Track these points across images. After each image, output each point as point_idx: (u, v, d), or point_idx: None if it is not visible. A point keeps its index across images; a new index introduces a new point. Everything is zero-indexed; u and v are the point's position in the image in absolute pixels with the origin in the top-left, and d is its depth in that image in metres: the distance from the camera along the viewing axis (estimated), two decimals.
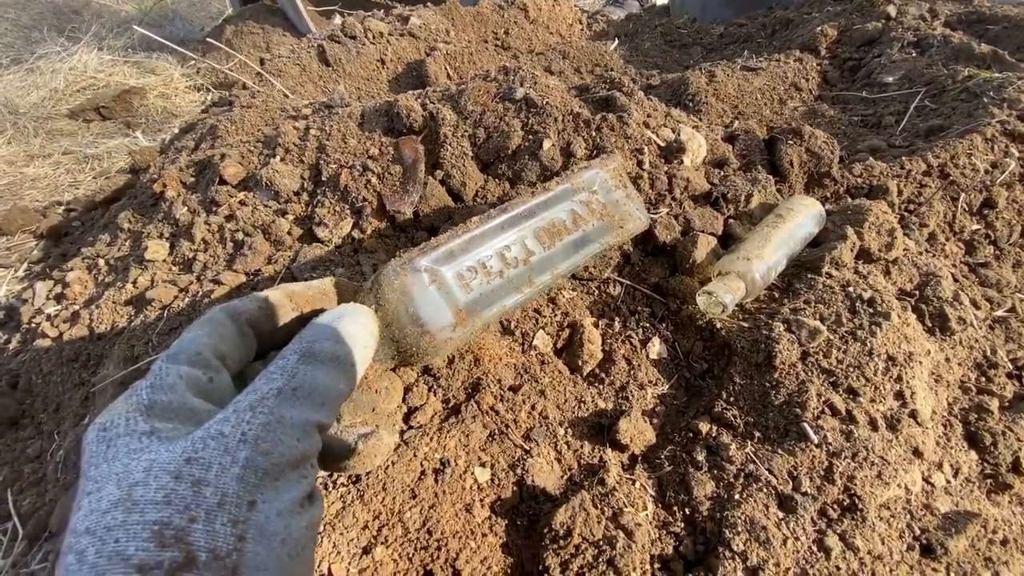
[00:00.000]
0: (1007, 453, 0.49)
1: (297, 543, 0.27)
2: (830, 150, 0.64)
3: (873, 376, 0.47)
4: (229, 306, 0.36)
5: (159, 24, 4.69)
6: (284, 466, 0.28)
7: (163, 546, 0.24)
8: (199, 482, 0.26)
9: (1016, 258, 0.72)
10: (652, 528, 0.43)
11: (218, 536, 0.25)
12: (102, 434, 0.28)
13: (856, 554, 0.40)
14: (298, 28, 2.83)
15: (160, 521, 0.25)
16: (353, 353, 0.34)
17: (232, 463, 0.27)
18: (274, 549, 0.26)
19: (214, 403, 0.31)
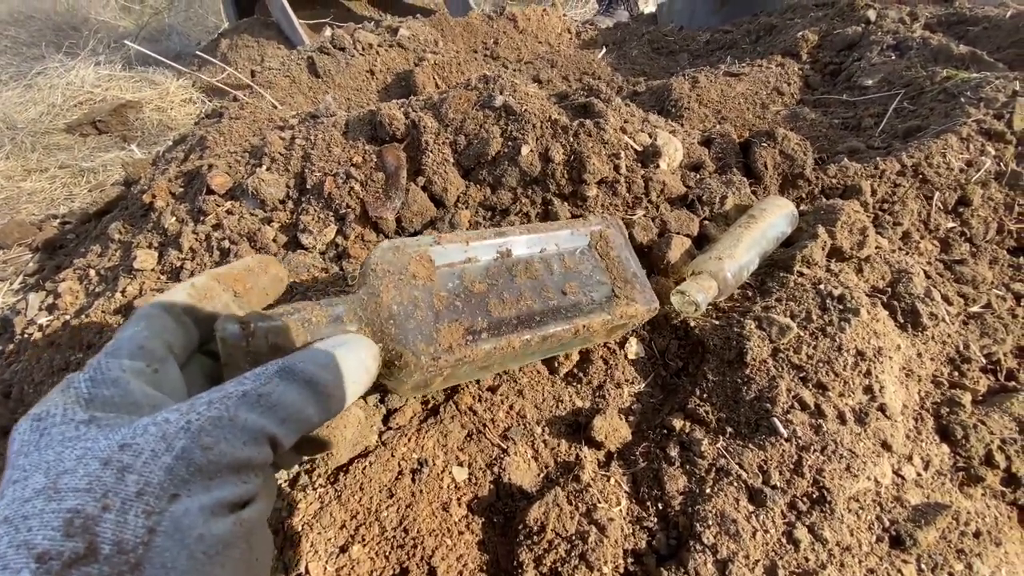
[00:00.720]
0: (979, 446, 0.50)
1: (217, 542, 0.25)
2: (803, 152, 0.66)
3: (842, 371, 0.47)
4: (159, 300, 0.35)
5: (156, 39, 4.73)
6: (222, 467, 0.26)
7: (69, 536, 0.23)
8: (125, 468, 0.24)
9: (993, 255, 0.73)
10: (625, 523, 0.44)
11: (127, 527, 0.23)
12: (36, 423, 0.27)
13: (825, 545, 0.41)
14: (292, 40, 2.87)
15: (73, 509, 0.23)
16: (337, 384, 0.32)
17: (166, 451, 0.25)
18: (187, 546, 0.24)
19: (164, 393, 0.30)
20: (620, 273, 0.51)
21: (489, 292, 0.44)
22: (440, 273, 0.43)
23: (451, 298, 0.42)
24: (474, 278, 0.44)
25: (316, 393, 0.31)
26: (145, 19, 5.02)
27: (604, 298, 0.49)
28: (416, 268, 0.41)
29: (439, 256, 0.43)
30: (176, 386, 0.32)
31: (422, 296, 0.41)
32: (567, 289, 0.48)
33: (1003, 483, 0.50)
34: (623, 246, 0.52)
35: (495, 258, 0.46)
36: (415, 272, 0.41)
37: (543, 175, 0.64)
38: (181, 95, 2.89)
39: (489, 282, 0.45)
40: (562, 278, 0.48)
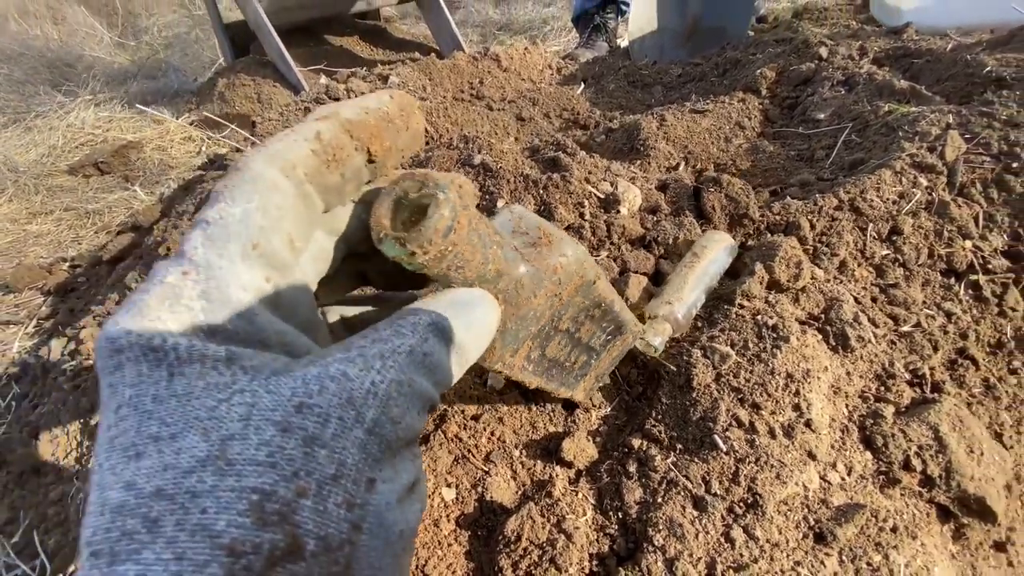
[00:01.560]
0: (898, 452, 0.58)
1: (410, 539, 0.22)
2: (746, 195, 0.75)
3: (774, 392, 0.55)
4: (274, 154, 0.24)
5: (153, 76, 4.86)
6: (404, 442, 0.22)
7: (263, 524, 0.18)
8: (312, 440, 0.19)
9: (925, 277, 0.81)
10: (591, 531, 0.51)
11: (331, 520, 0.19)
12: (154, 355, 0.20)
13: (757, 543, 0.48)
14: (288, 79, 2.99)
15: (260, 489, 0.18)
16: (472, 349, 0.29)
17: (356, 422, 0.20)
18: (391, 545, 0.20)
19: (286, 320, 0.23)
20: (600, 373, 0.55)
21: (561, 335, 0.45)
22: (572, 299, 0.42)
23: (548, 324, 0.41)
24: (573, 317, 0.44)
25: (458, 356, 0.27)
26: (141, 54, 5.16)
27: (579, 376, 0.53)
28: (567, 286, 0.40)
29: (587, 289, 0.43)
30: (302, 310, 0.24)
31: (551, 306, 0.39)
32: (578, 360, 0.50)
33: (920, 484, 0.58)
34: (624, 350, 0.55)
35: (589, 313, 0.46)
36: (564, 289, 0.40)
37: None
38: (181, 133, 2.99)
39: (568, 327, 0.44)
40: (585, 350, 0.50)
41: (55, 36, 5.22)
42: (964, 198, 0.89)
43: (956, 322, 0.79)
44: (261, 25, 2.90)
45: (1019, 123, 0.97)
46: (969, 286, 0.82)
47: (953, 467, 0.58)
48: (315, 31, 3.56)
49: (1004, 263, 0.84)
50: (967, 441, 0.60)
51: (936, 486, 0.58)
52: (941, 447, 0.58)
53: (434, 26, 3.36)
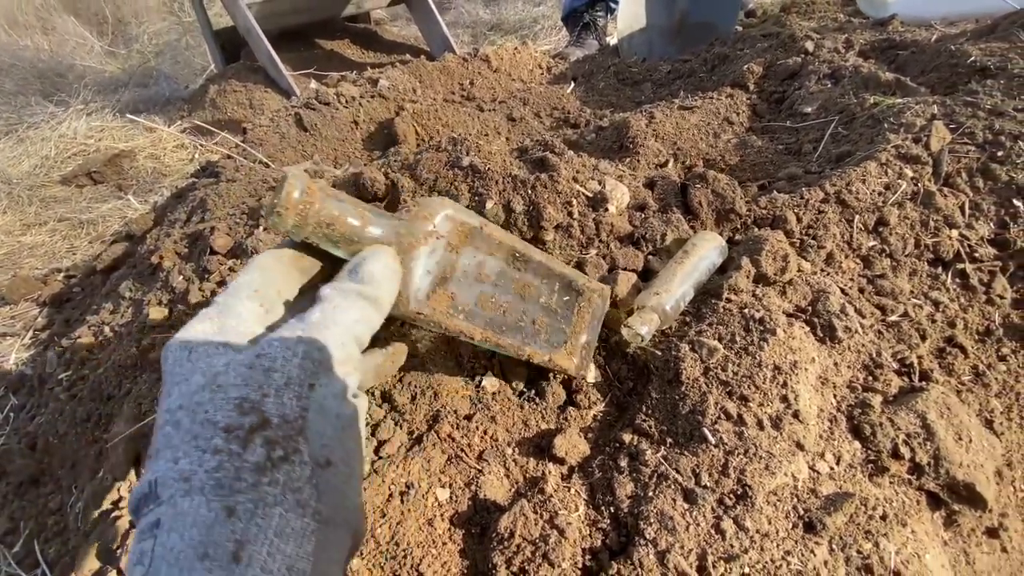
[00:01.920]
0: (886, 441, 0.58)
1: (348, 420, 0.34)
2: (731, 190, 0.75)
3: (762, 384, 0.56)
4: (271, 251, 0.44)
5: (144, 84, 4.85)
6: (333, 362, 0.35)
7: (243, 413, 0.31)
8: (269, 370, 0.33)
9: (912, 267, 0.82)
10: (583, 526, 0.52)
11: (286, 406, 0.32)
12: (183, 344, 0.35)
13: (747, 533, 0.49)
14: (279, 84, 2.99)
15: (240, 396, 0.32)
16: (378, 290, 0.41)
17: (293, 356, 0.34)
18: (330, 420, 0.33)
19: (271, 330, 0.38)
20: (578, 332, 0.60)
21: (488, 287, 0.52)
22: (466, 250, 0.50)
23: (461, 274, 0.50)
24: (486, 269, 0.52)
25: (372, 301, 0.40)
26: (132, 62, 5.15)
27: (556, 342, 0.58)
28: (453, 236, 0.49)
29: (476, 237, 0.51)
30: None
31: (442, 258, 0.48)
32: (537, 321, 0.57)
33: (909, 472, 0.59)
34: (597, 315, 0.61)
35: (508, 264, 0.54)
36: (451, 239, 0.49)
37: (507, 224, 0.73)
38: (173, 141, 2.99)
39: (494, 279, 0.53)
40: (543, 310, 0.57)
41: (45, 46, 5.20)
42: (950, 188, 0.90)
43: (944, 311, 0.79)
44: (251, 30, 2.90)
45: (1003, 112, 0.98)
46: (956, 275, 0.83)
47: (942, 454, 0.58)
48: (306, 35, 3.56)
49: (991, 251, 0.85)
50: (955, 428, 0.61)
51: (925, 473, 0.58)
52: (929, 435, 0.59)
53: (424, 28, 3.37)
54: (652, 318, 0.60)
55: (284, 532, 0.29)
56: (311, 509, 0.30)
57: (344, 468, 0.33)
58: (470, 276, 0.51)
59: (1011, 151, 0.92)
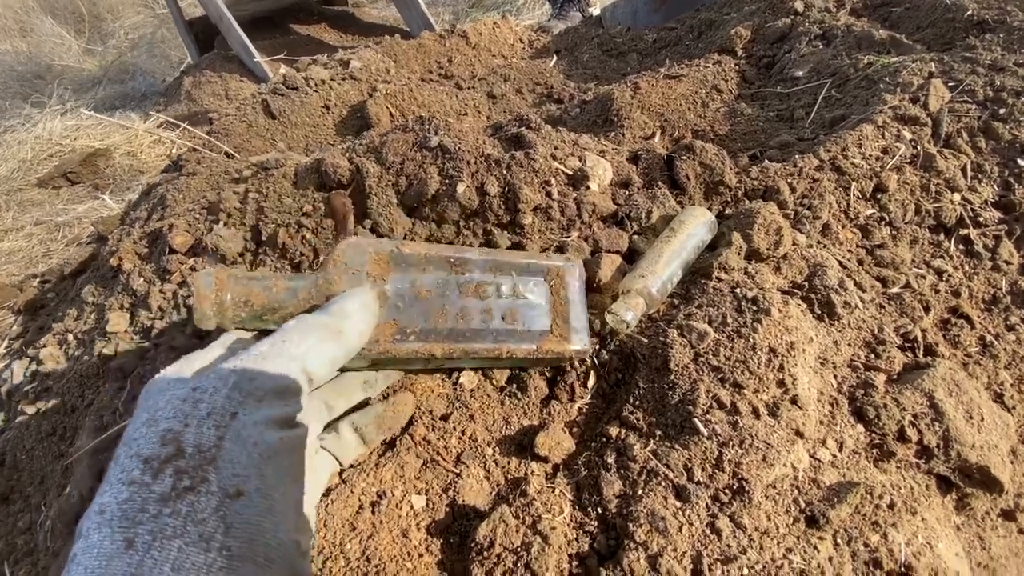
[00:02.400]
0: (891, 423, 0.55)
1: (269, 448, 0.34)
2: (720, 161, 0.70)
3: (756, 368, 0.52)
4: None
5: (121, 80, 4.72)
6: (266, 391, 0.36)
7: (163, 444, 0.32)
8: (197, 401, 0.34)
9: (912, 235, 0.78)
10: (569, 529, 0.48)
11: (203, 436, 0.33)
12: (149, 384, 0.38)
13: (745, 532, 0.45)
14: (255, 73, 2.89)
15: (166, 428, 0.33)
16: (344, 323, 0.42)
17: (223, 386, 0.35)
18: (247, 449, 0.33)
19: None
20: (563, 312, 0.56)
21: (432, 301, 0.51)
22: (392, 275, 0.50)
23: (395, 299, 0.49)
24: (423, 286, 0.51)
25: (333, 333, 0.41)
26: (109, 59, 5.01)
27: (540, 331, 0.54)
28: (372, 266, 0.49)
29: (396, 259, 0.50)
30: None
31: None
32: (507, 315, 0.53)
33: (917, 455, 0.55)
34: (576, 289, 0.58)
35: (448, 272, 0.52)
36: (370, 269, 0.48)
37: (481, 208, 0.68)
38: (149, 137, 2.90)
39: (437, 292, 0.51)
40: (509, 303, 0.54)
41: (24, 48, 5.09)
42: (951, 149, 0.85)
43: (948, 280, 0.75)
44: (222, 18, 2.80)
45: (1004, 67, 0.92)
46: (960, 241, 0.79)
47: (952, 435, 0.55)
48: (280, 21, 3.45)
49: (995, 215, 0.81)
50: (965, 406, 0.57)
51: (934, 456, 0.55)
52: (937, 414, 0.55)
53: (402, 7, 3.26)
54: (638, 303, 0.56)
55: (183, 566, 0.28)
56: (217, 543, 0.29)
57: (260, 500, 0.32)
58: (407, 298, 0.50)
59: (1013, 108, 0.88)
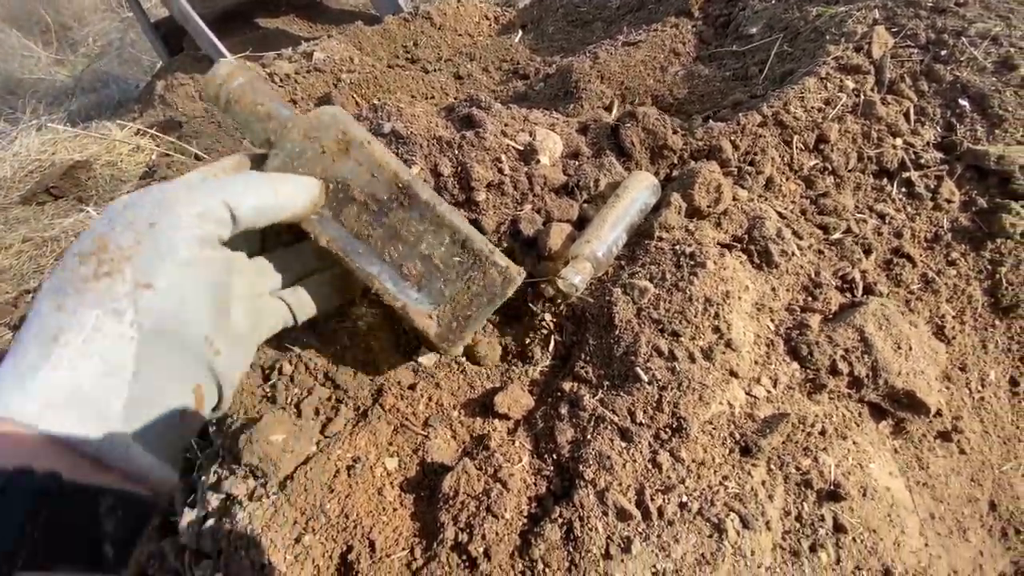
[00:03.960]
0: (823, 358, 0.59)
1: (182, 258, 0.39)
2: (662, 125, 0.73)
3: (693, 318, 0.56)
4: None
5: (94, 88, 4.67)
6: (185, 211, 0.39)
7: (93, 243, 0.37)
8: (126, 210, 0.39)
9: (856, 182, 0.81)
10: (528, 475, 0.53)
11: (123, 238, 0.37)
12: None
13: (683, 464, 0.50)
14: None
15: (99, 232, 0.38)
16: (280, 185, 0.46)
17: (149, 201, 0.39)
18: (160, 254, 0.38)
19: None
20: (462, 302, 0.53)
21: (358, 205, 0.50)
22: (346, 162, 0.49)
23: (332, 181, 0.49)
24: (363, 188, 0.50)
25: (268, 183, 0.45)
26: (81, 67, 4.95)
27: (427, 300, 0.53)
28: (331, 143, 0.48)
29: (356, 150, 0.49)
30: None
31: (314, 158, 0.48)
32: (409, 266, 0.52)
33: (848, 386, 0.60)
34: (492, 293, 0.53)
35: (395, 195, 0.50)
36: (327, 145, 0.48)
37: (436, 189, 0.71)
38: (128, 145, 2.90)
39: (366, 202, 0.50)
40: (418, 257, 0.52)
41: None
42: (894, 95, 0.88)
43: (890, 222, 0.79)
44: (188, 17, 2.77)
45: (945, 8, 0.94)
46: (902, 184, 0.82)
47: (880, 365, 0.59)
48: (248, 15, 3.40)
49: (937, 156, 0.84)
50: (893, 338, 0.61)
51: (864, 386, 0.59)
52: (867, 347, 0.60)
53: None
54: (585, 267, 0.60)
55: (101, 328, 0.35)
56: (128, 318, 0.36)
57: (169, 294, 0.38)
58: (342, 187, 0.49)
59: (954, 49, 0.90)
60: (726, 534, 0.47)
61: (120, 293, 0.36)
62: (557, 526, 0.48)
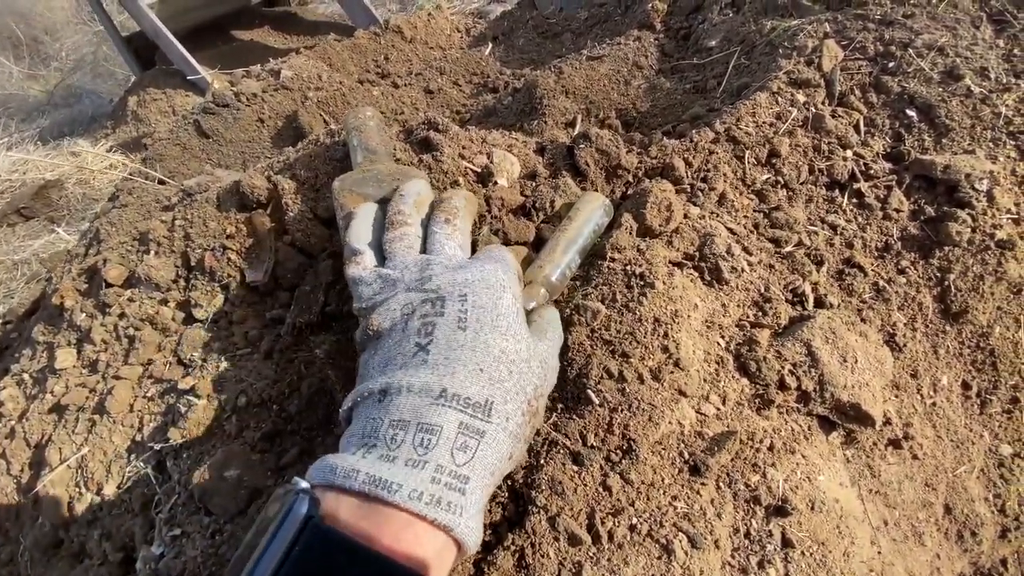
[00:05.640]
0: (772, 374, 0.60)
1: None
2: (615, 145, 0.74)
3: (643, 338, 0.57)
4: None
5: (67, 104, 4.61)
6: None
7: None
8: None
9: (808, 194, 0.83)
10: None
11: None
12: None
13: (633, 486, 0.51)
14: (198, 86, 2.85)
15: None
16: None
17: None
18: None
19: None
20: None
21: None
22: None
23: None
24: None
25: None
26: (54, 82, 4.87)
27: None
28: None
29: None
30: None
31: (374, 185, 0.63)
32: None
33: (797, 400, 0.61)
34: None
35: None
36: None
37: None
38: (101, 163, 2.86)
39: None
40: None
41: None
42: (844, 107, 0.90)
43: (841, 233, 0.81)
44: (159, 33, 2.75)
45: (892, 20, 0.97)
46: (852, 195, 0.84)
47: (826, 379, 0.60)
48: (222, 28, 3.38)
49: (886, 166, 0.86)
50: (840, 351, 0.63)
51: (812, 400, 0.61)
52: (814, 362, 0.61)
53: (344, 1, 3.21)
54: (539, 292, 0.60)
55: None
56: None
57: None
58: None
59: (902, 60, 0.92)
60: (675, 555, 0.48)
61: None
62: (510, 553, 0.49)
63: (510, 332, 0.44)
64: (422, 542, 0.34)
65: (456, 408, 0.39)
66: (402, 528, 0.34)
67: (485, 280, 0.46)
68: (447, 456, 0.37)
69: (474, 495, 0.37)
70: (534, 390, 0.44)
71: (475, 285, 0.46)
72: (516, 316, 0.46)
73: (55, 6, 5.76)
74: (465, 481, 0.36)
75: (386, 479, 0.34)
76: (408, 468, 0.36)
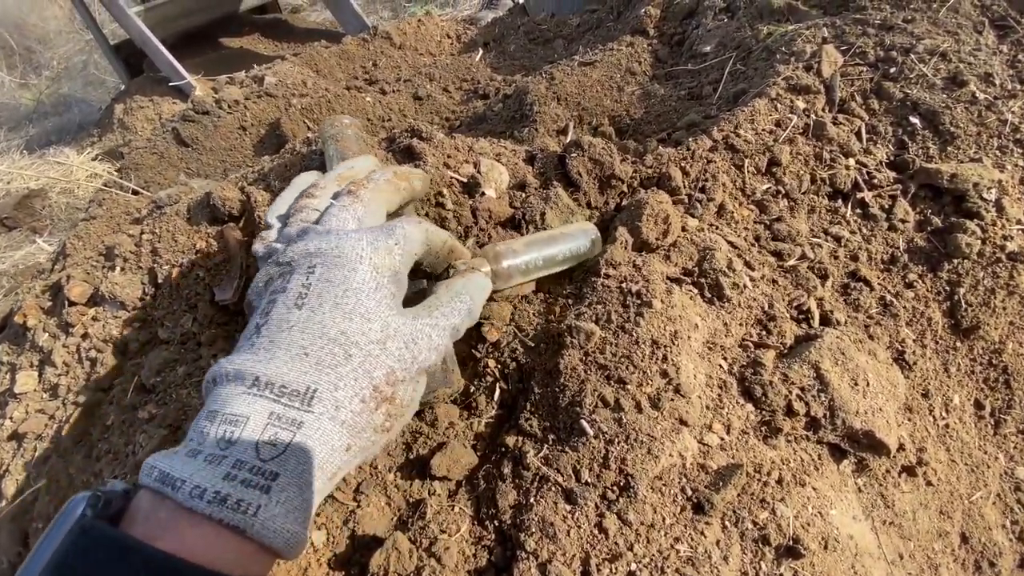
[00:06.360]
0: (779, 399, 0.56)
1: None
2: (608, 155, 0.71)
3: (640, 362, 0.53)
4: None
5: (56, 112, 4.55)
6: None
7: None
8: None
9: (810, 204, 0.79)
10: (468, 545, 0.49)
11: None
12: None
13: (631, 528, 0.47)
14: (186, 92, 2.81)
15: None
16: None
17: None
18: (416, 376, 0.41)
19: None
20: None
21: None
22: None
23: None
24: None
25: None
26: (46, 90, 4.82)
27: None
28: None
29: None
30: None
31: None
32: None
33: (806, 427, 0.57)
34: None
35: None
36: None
37: None
38: (86, 172, 2.81)
39: None
40: None
41: None
42: (844, 114, 0.87)
43: (846, 245, 0.77)
44: (146, 40, 2.70)
45: (893, 25, 0.94)
46: (856, 205, 0.81)
47: (837, 404, 0.56)
48: (210, 35, 3.35)
49: (890, 175, 0.83)
50: (850, 374, 0.59)
51: (822, 427, 0.57)
52: (823, 385, 0.57)
53: (334, 8, 3.19)
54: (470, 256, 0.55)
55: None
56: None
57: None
58: None
59: (903, 66, 0.89)
60: None
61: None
62: None
63: (357, 311, 0.38)
64: (209, 543, 0.31)
65: (268, 397, 0.34)
66: (188, 528, 0.31)
67: (339, 249, 0.40)
68: (250, 450, 0.33)
69: (285, 492, 0.33)
70: (386, 374, 0.38)
71: (326, 255, 0.40)
72: (373, 292, 0.40)
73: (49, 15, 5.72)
74: (272, 478, 0.32)
75: (172, 475, 0.32)
76: (204, 464, 0.32)
